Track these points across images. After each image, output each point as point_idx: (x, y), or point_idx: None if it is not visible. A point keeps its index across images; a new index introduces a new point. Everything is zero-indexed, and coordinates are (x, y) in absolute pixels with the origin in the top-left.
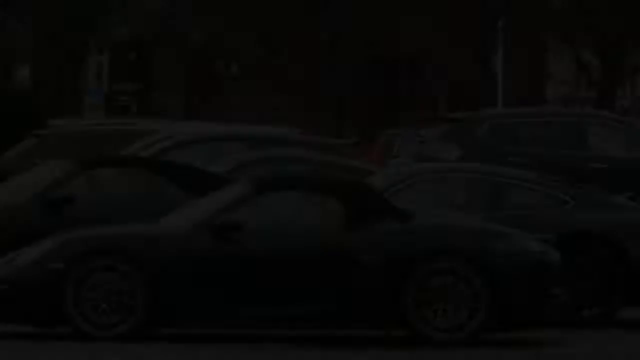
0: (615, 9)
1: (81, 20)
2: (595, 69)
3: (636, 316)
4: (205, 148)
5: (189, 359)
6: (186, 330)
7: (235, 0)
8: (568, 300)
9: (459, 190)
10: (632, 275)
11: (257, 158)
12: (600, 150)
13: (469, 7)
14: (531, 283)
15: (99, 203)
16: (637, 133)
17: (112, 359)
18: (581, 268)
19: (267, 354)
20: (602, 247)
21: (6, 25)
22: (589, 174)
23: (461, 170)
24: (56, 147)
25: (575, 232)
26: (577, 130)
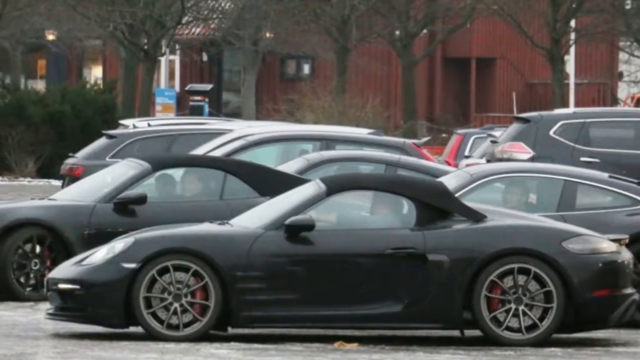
0: None
1: (153, 20)
2: None
3: None
4: (277, 148)
5: None
6: (257, 330)
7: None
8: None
9: (531, 190)
10: None
11: (328, 158)
12: None
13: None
14: (603, 283)
15: (171, 203)
16: None
17: None
18: None
19: (337, 354)
20: None
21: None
22: None
23: (533, 170)
24: (127, 147)
25: None
26: None
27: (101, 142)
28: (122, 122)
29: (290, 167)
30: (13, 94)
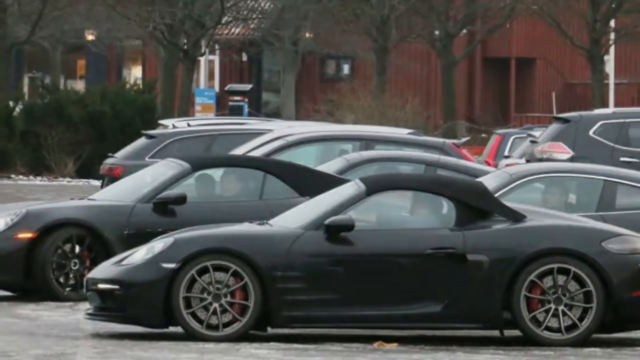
0: None
1: (192, 20)
2: None
3: None
4: (316, 148)
5: None
6: (297, 330)
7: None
8: None
9: (570, 190)
10: None
11: (367, 158)
12: None
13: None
14: None
15: (210, 203)
16: None
17: None
18: None
19: (376, 354)
20: None
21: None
22: None
23: (573, 170)
24: (167, 147)
25: None
26: None
27: (141, 142)
28: (161, 122)
29: (330, 167)
30: (53, 94)
